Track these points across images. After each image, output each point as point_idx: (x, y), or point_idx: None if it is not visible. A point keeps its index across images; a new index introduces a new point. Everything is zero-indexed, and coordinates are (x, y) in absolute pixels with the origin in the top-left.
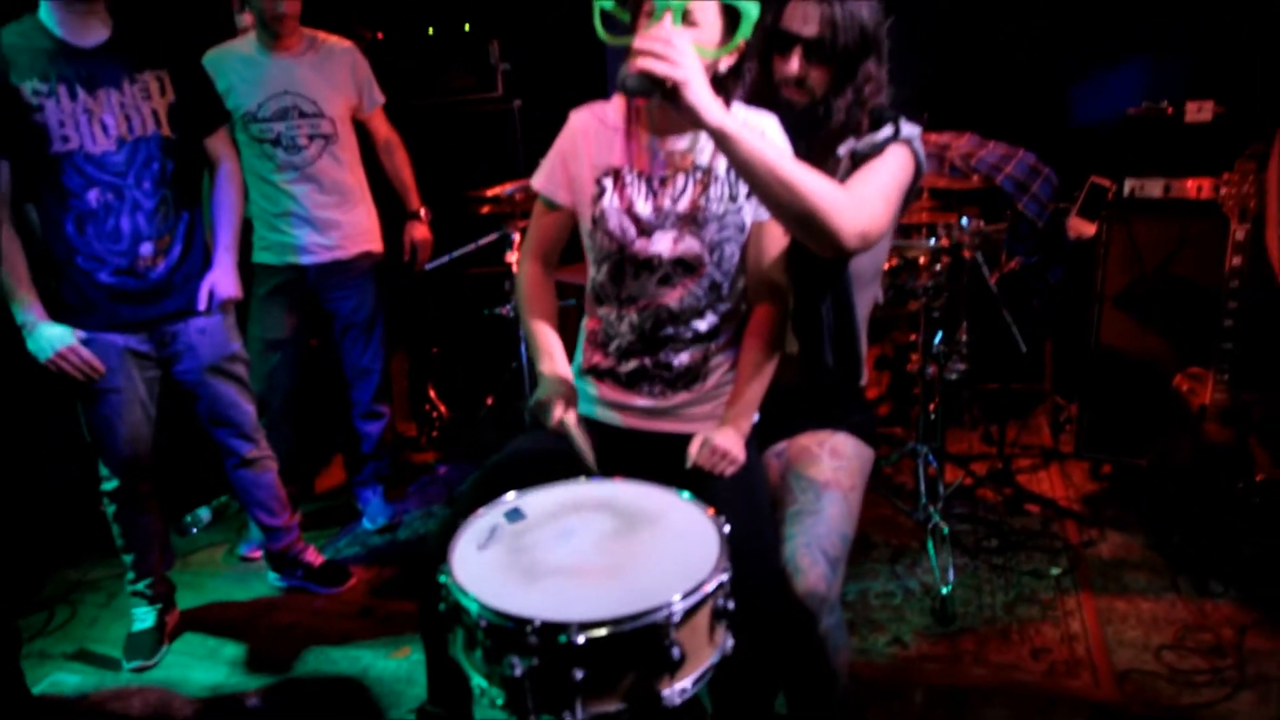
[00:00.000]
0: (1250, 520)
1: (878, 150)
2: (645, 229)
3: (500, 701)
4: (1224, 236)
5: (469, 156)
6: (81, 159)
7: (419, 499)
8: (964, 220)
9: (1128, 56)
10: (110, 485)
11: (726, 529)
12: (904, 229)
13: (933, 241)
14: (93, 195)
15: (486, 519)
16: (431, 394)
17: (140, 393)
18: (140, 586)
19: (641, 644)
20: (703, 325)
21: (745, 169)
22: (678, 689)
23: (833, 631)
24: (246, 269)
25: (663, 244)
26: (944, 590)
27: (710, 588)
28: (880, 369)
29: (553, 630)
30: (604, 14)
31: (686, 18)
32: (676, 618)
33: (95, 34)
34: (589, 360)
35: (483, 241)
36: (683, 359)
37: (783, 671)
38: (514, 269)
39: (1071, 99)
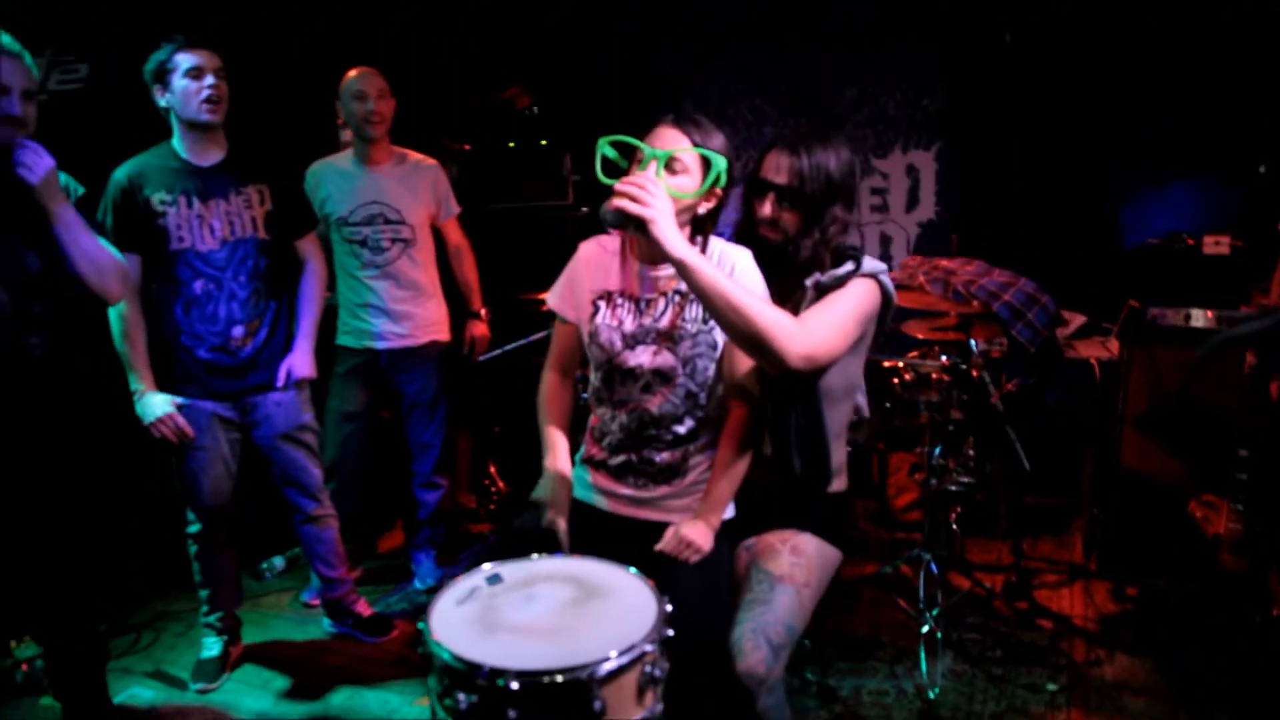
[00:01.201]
0: (1268, 654)
1: (840, 283)
2: (629, 343)
3: None
4: (1242, 364)
5: (541, 257)
6: (192, 255)
7: (469, 565)
8: (972, 342)
9: (1171, 180)
10: (194, 529)
11: (668, 607)
12: (919, 346)
13: (943, 359)
14: (198, 285)
15: (470, 581)
16: (492, 470)
17: (224, 452)
18: (211, 619)
19: (568, 695)
20: (681, 429)
21: (702, 295)
22: None
23: (770, 710)
24: (330, 349)
25: (644, 356)
26: (930, 693)
27: (630, 657)
28: (913, 475)
29: (493, 674)
30: (604, 160)
31: (670, 165)
32: (599, 675)
33: (213, 155)
34: (588, 451)
35: (534, 337)
36: (664, 457)
37: None
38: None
39: (1121, 221)
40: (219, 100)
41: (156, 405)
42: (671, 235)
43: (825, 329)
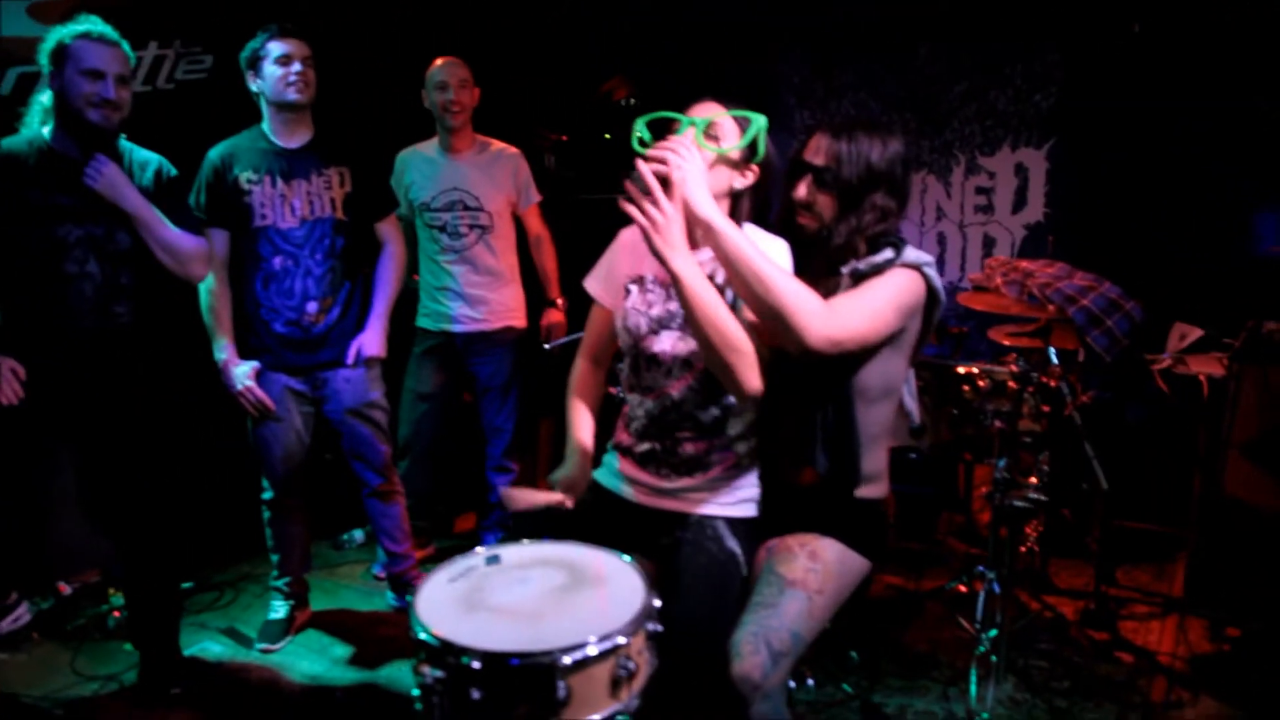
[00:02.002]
0: None
1: (878, 270)
2: (655, 327)
3: (419, 706)
4: None
5: None
6: (273, 232)
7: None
8: (1051, 350)
9: None
10: (267, 495)
11: (656, 603)
12: (996, 352)
13: (1018, 367)
14: (277, 261)
15: (469, 561)
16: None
17: (296, 424)
18: (280, 584)
19: (530, 679)
20: (705, 417)
21: (728, 261)
22: None
23: (771, 708)
24: (410, 330)
25: (667, 342)
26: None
27: (600, 648)
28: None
29: (457, 652)
30: (641, 142)
31: (709, 133)
32: (562, 662)
33: (299, 137)
34: (617, 437)
35: None
36: (688, 449)
37: None
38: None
39: (1254, 231)
40: (305, 85)
41: (238, 376)
42: (700, 194)
43: (854, 313)
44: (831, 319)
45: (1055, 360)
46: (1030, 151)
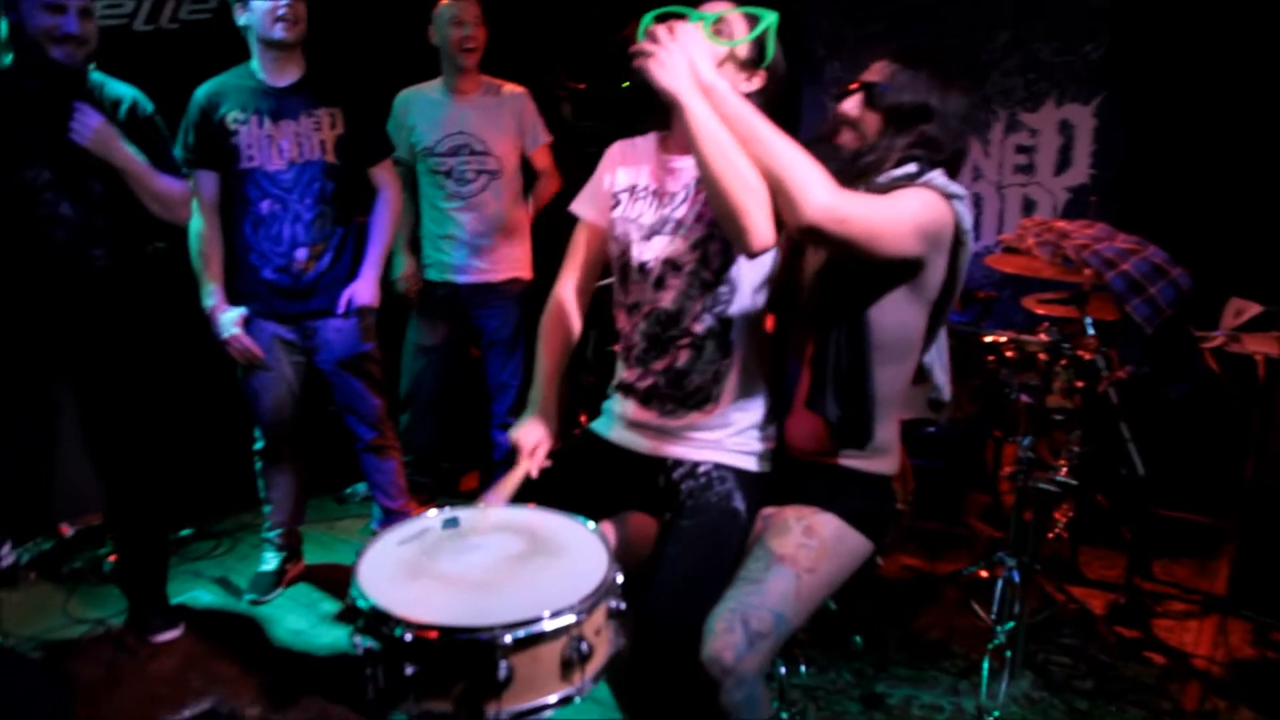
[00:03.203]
0: None
1: (897, 184)
2: (644, 234)
3: (348, 684)
4: None
5: None
6: (260, 175)
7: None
8: (1087, 320)
9: None
10: (258, 445)
11: (619, 578)
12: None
13: (1048, 337)
14: (264, 205)
15: (424, 523)
16: (583, 420)
17: (287, 374)
18: (271, 535)
19: (467, 656)
20: (699, 327)
21: (728, 122)
22: (505, 711)
23: (739, 708)
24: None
25: (656, 247)
26: (988, 717)
27: (548, 626)
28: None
29: (388, 622)
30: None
31: (716, 26)
32: (503, 640)
33: (289, 76)
34: (618, 376)
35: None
36: (694, 380)
37: None
38: None
39: None
40: (294, 20)
41: (225, 324)
42: (701, 56)
43: (865, 201)
44: (837, 192)
45: (1091, 331)
46: (1077, 107)
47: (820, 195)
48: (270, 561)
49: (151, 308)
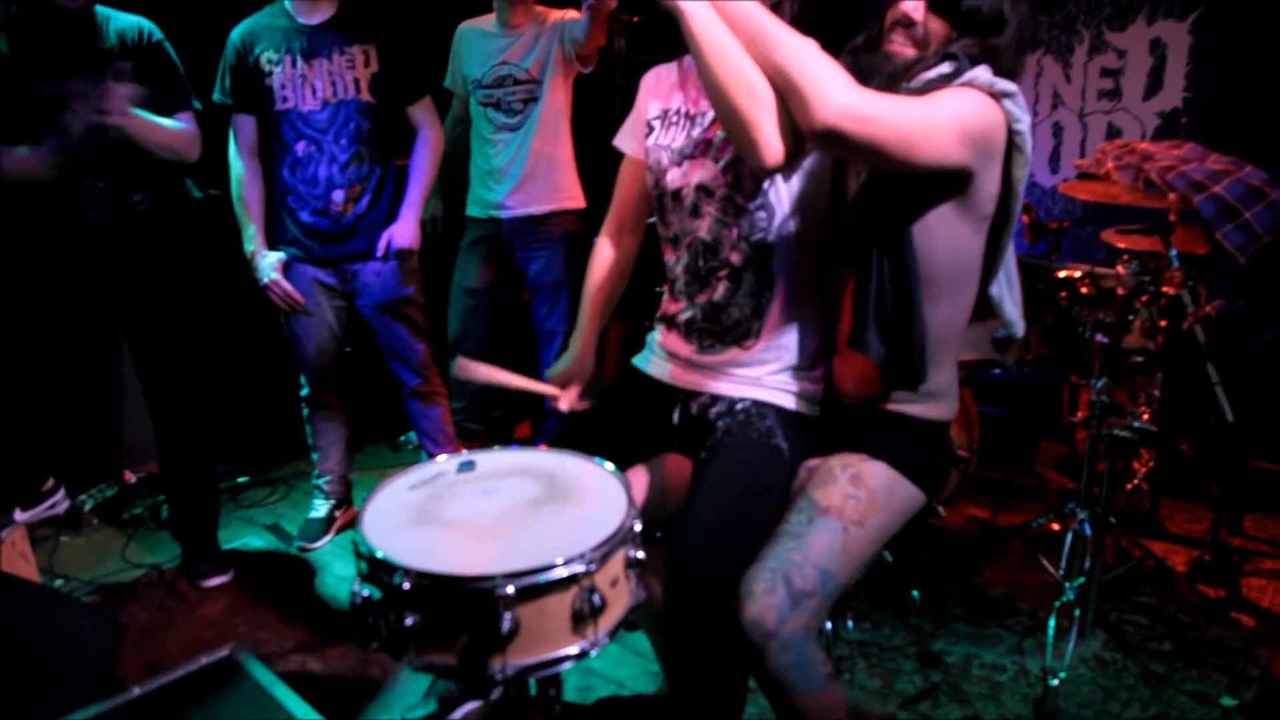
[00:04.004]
0: None
1: (933, 86)
2: (676, 159)
3: (357, 629)
4: None
5: None
6: (295, 116)
7: None
8: (1172, 251)
9: None
10: (304, 392)
11: (637, 526)
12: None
13: (1126, 270)
14: (300, 147)
15: (438, 466)
16: None
17: (328, 318)
18: (320, 482)
19: (468, 606)
20: (736, 257)
21: (732, 19)
22: (510, 665)
23: (788, 672)
24: (461, 222)
25: (688, 171)
26: (1053, 681)
27: (555, 575)
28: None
29: (388, 569)
30: None
31: None
32: (504, 590)
33: (321, 13)
34: (661, 309)
35: None
36: (732, 313)
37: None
38: None
39: None
40: None
41: (265, 269)
42: None
43: (893, 100)
44: (858, 91)
45: (1177, 263)
46: (1170, 24)
47: (838, 94)
48: (320, 508)
49: (199, 251)
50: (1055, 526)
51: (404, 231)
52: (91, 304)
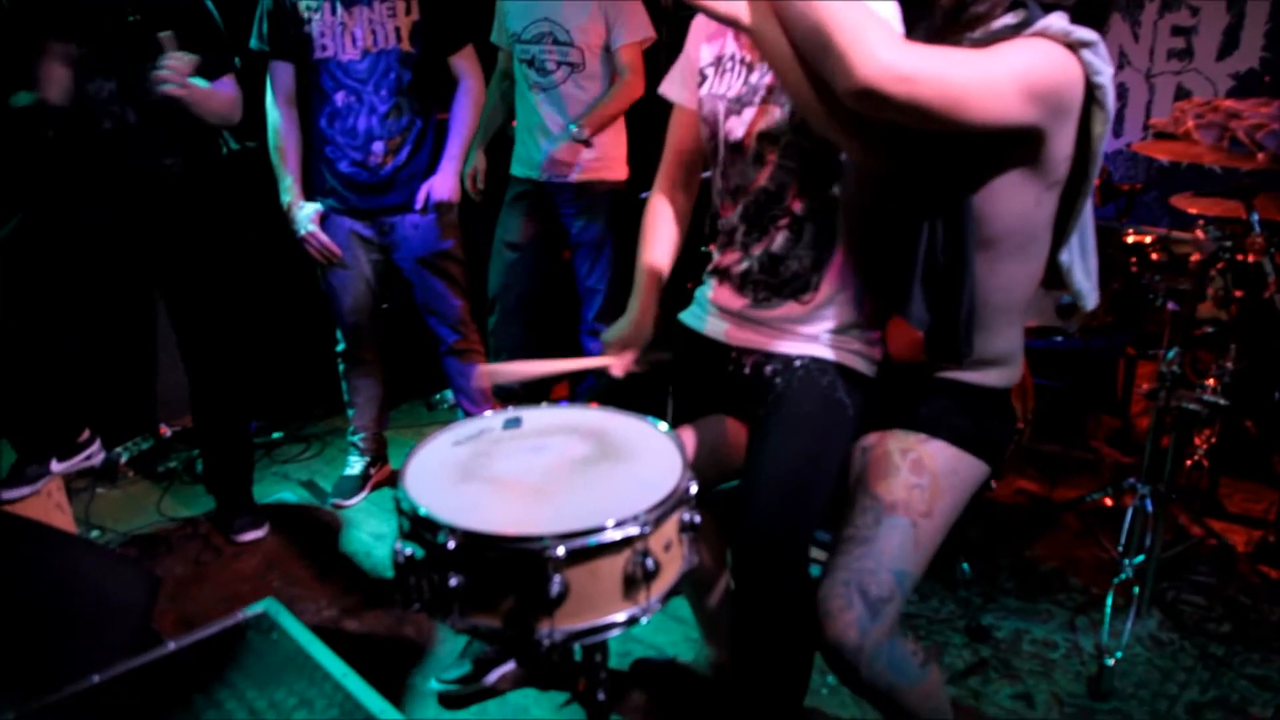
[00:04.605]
0: None
1: (999, 38)
2: (735, 108)
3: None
4: None
5: None
6: (334, 65)
7: None
8: (1254, 216)
9: None
10: (340, 347)
11: (692, 486)
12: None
13: (1205, 235)
14: (339, 97)
15: (483, 422)
16: None
17: (365, 271)
18: (355, 439)
19: (515, 567)
20: (799, 206)
21: None
22: (558, 630)
23: (884, 677)
24: (504, 178)
25: (748, 119)
26: (1109, 660)
27: (607, 537)
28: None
29: (432, 528)
30: None
31: None
32: (556, 552)
33: None
34: (713, 262)
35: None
36: (791, 265)
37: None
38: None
39: None
40: None
41: (302, 220)
42: None
43: (942, 55)
44: (902, 47)
45: (1259, 229)
46: None
47: (880, 52)
48: (354, 465)
49: (234, 207)
50: (1108, 502)
51: (443, 184)
52: (127, 262)
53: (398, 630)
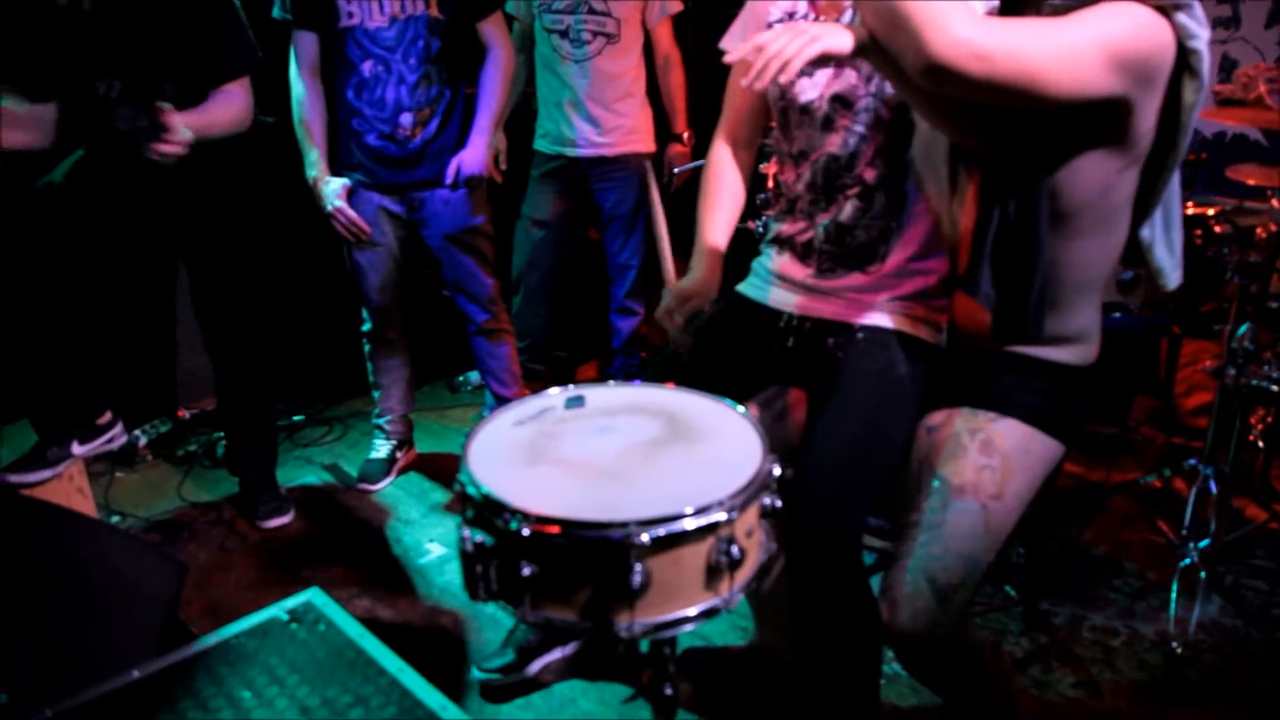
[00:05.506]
0: None
1: (1081, 4)
2: (806, 70)
3: (461, 579)
4: None
5: None
6: (360, 33)
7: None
8: None
9: None
10: (366, 327)
11: (775, 470)
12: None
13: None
14: (366, 66)
15: (544, 401)
16: None
17: (393, 249)
18: (381, 421)
19: (594, 557)
20: (871, 174)
21: None
22: (638, 623)
23: (955, 663)
24: (528, 153)
25: (821, 81)
26: (1177, 647)
27: (691, 524)
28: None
29: (503, 512)
30: None
31: None
32: (640, 539)
33: None
34: (775, 231)
35: None
36: (859, 235)
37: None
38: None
39: None
40: None
41: (328, 195)
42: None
43: (1020, 28)
44: (980, 25)
45: None
46: None
47: (955, 28)
48: (380, 449)
49: (256, 183)
50: (1157, 484)
51: (474, 157)
52: (147, 240)
53: (434, 620)
